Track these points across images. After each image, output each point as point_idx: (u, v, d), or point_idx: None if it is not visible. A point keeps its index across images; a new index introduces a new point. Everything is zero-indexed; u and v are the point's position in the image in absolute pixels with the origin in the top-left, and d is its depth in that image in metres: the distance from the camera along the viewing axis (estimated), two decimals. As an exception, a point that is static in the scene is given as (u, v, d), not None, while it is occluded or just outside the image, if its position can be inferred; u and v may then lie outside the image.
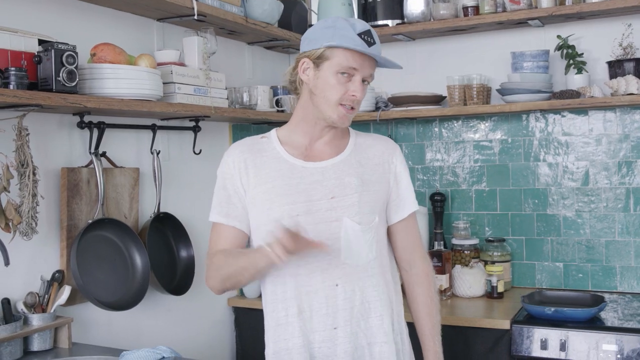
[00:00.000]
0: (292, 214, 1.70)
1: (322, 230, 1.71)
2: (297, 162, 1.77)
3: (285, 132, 1.83)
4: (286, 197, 1.72)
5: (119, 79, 2.08)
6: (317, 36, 1.72)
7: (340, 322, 1.73)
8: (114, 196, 2.30)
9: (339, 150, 1.82)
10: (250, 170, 1.76)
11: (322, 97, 1.72)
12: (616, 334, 2.27)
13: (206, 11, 2.45)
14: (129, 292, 2.25)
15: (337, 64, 1.69)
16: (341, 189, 1.75)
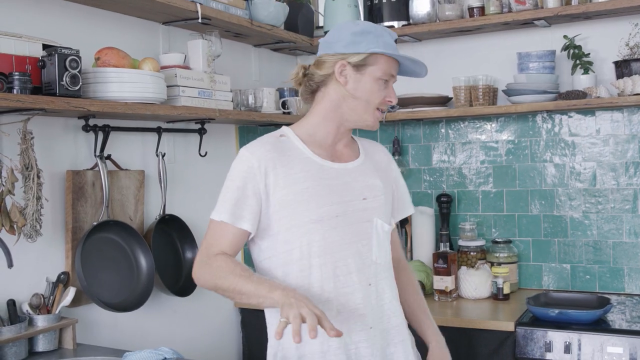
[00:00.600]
0: (332, 215, 1.70)
1: (356, 231, 1.73)
2: (325, 163, 1.75)
3: (304, 131, 1.78)
4: (323, 198, 1.70)
5: (123, 83, 2.10)
6: (357, 40, 1.70)
7: (375, 321, 1.74)
8: (119, 198, 2.33)
9: (356, 153, 1.85)
10: (279, 170, 1.68)
11: (364, 100, 1.73)
12: (622, 337, 2.25)
13: (211, 14, 2.47)
14: (134, 293, 2.28)
15: (381, 70, 1.71)
16: (370, 190, 1.79)
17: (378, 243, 1.77)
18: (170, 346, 2.54)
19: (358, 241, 1.73)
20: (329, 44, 1.75)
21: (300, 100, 2.94)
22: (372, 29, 1.73)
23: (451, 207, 3.03)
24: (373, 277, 1.75)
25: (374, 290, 1.75)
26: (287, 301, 1.49)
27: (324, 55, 1.74)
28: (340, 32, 1.74)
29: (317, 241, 1.68)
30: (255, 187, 1.67)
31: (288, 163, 1.70)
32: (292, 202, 1.68)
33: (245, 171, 1.69)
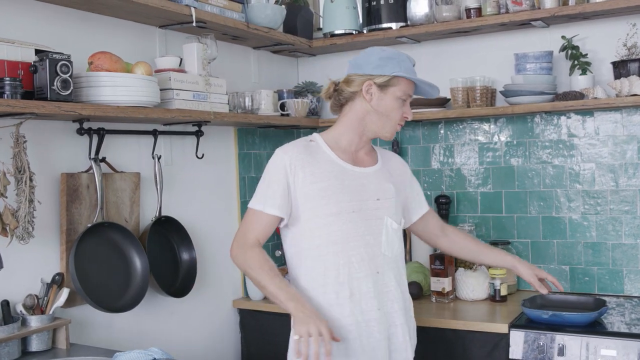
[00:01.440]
0: (349, 210, 2.01)
1: (369, 226, 2.04)
2: (347, 166, 2.07)
3: (331, 138, 2.10)
4: (342, 195, 2.01)
5: (116, 87, 2.13)
6: (382, 64, 2.01)
7: (381, 304, 2.04)
8: (114, 200, 2.35)
9: (375, 160, 2.16)
10: (307, 169, 2.01)
11: (386, 116, 2.05)
12: (616, 339, 2.24)
13: (205, 18, 2.49)
14: (128, 294, 2.31)
15: (402, 90, 2.04)
16: (383, 192, 2.09)
17: (387, 238, 2.06)
18: (168, 347, 2.58)
19: (370, 234, 2.04)
20: (359, 65, 2.06)
21: (298, 102, 2.96)
22: (395, 55, 2.04)
23: (450, 208, 3.03)
24: (381, 266, 2.05)
25: (381, 278, 2.05)
26: (298, 315, 1.86)
27: (353, 75, 2.05)
28: (370, 56, 2.05)
29: (335, 231, 2.00)
30: (286, 181, 2.00)
31: (315, 163, 2.03)
32: (316, 196, 2.00)
33: (279, 167, 2.01)
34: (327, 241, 2.00)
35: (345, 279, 2.00)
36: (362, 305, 2.00)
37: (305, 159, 2.02)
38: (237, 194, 3.00)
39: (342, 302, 1.99)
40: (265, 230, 2.02)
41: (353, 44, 3.09)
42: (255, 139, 3.11)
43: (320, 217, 2.00)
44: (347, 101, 2.08)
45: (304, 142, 2.10)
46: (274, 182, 2.00)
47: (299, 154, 2.03)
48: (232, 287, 2.97)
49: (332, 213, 1.99)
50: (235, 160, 2.99)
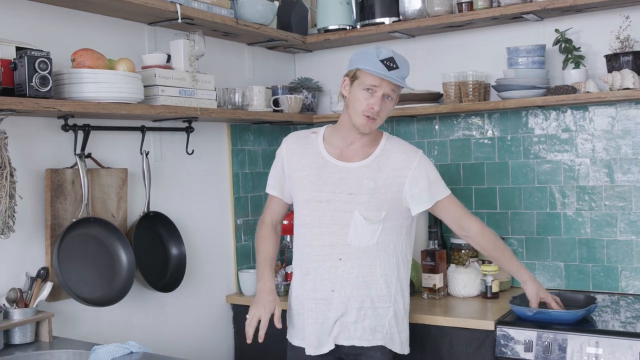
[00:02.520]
0: (317, 200, 2.23)
1: (338, 217, 2.21)
2: (330, 159, 2.26)
3: (329, 132, 2.33)
4: (316, 185, 2.24)
5: (99, 83, 2.15)
6: (354, 59, 2.20)
7: (337, 286, 2.22)
8: (101, 196, 2.38)
9: (366, 156, 2.26)
10: (295, 158, 2.30)
11: (352, 107, 2.19)
12: (602, 337, 2.20)
13: (192, 15, 2.50)
14: (113, 288, 2.33)
15: (362, 82, 2.17)
16: (358, 188, 2.21)
17: (355, 230, 2.21)
18: (158, 341, 2.61)
19: (336, 224, 2.21)
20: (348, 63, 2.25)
21: (291, 98, 2.96)
22: (367, 50, 2.17)
23: (444, 205, 3.00)
24: (344, 254, 2.22)
25: (343, 264, 2.22)
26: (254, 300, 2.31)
27: None
28: (356, 54, 2.22)
29: (304, 216, 2.27)
30: (281, 167, 2.34)
31: (304, 154, 2.29)
32: (297, 183, 2.28)
33: (278, 154, 2.37)
34: (298, 223, 2.31)
35: (306, 258, 2.27)
36: (316, 284, 2.24)
37: (297, 148, 2.31)
38: (230, 190, 3.01)
39: (301, 278, 2.29)
40: (275, 210, 2.42)
41: (347, 39, 3.08)
42: (250, 135, 3.12)
43: (297, 202, 2.31)
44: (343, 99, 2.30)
45: (306, 132, 2.38)
46: (274, 167, 2.38)
47: (293, 143, 2.33)
48: (225, 282, 2.99)
49: (303, 200, 2.26)
50: (229, 156, 3.01)
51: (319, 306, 2.24)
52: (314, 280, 2.25)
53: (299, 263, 2.32)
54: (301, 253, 2.30)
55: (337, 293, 2.22)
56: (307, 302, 2.27)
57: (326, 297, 2.23)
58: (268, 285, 2.30)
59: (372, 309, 2.23)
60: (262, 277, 2.34)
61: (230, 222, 3.01)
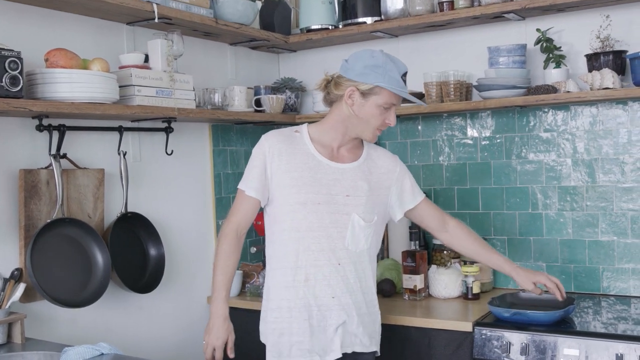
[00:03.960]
0: (315, 201, 2.10)
1: (334, 219, 2.12)
2: (323, 160, 2.15)
3: (315, 132, 2.20)
4: (311, 186, 2.11)
5: (73, 83, 2.13)
6: (366, 72, 2.05)
7: (337, 293, 2.12)
8: (77, 197, 2.37)
9: (356, 158, 2.21)
10: (284, 158, 2.13)
11: (365, 122, 2.10)
12: (578, 338, 2.19)
13: (170, 14, 2.49)
14: (88, 289, 2.31)
15: (383, 100, 2.07)
16: (354, 190, 2.14)
17: (352, 233, 2.13)
18: (136, 343, 2.60)
19: (334, 227, 2.12)
20: (346, 69, 2.11)
21: (273, 98, 2.95)
22: (383, 63, 2.05)
23: (426, 205, 2.99)
24: (343, 259, 2.13)
25: (342, 269, 2.13)
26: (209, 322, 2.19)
27: (342, 78, 2.11)
28: (356, 61, 2.09)
29: (299, 219, 2.11)
30: (263, 166, 2.14)
31: (293, 153, 2.14)
32: (287, 185, 2.11)
33: (259, 153, 2.16)
34: (290, 227, 2.12)
35: (303, 264, 2.12)
36: (315, 290, 2.12)
37: (284, 147, 2.14)
38: (212, 190, 3.00)
39: (296, 284, 2.12)
40: (247, 212, 2.18)
41: (329, 39, 3.07)
42: (232, 136, 3.11)
43: (289, 204, 2.12)
44: (335, 100, 2.16)
45: (289, 131, 2.21)
46: (255, 166, 2.15)
47: (279, 142, 2.15)
48: (206, 283, 2.97)
49: (298, 202, 2.10)
50: (210, 156, 2.99)
51: (321, 313, 2.12)
52: (314, 287, 2.12)
53: (292, 269, 2.13)
54: (295, 259, 2.12)
55: (337, 300, 2.12)
56: (304, 309, 2.12)
57: (326, 303, 2.12)
58: (222, 310, 2.15)
59: (367, 314, 2.19)
60: (217, 301, 2.15)
61: (211, 222, 3.00)
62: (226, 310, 2.16)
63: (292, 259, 2.13)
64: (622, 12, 2.60)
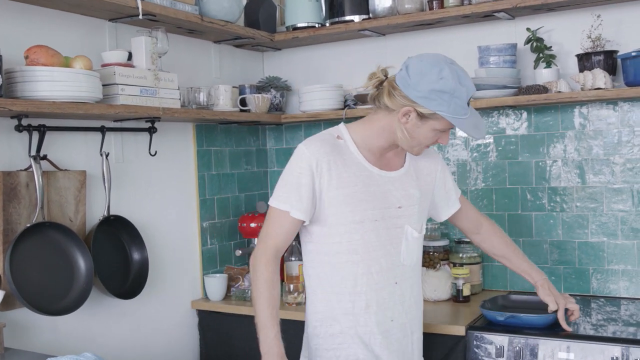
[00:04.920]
0: (372, 219, 1.90)
1: (390, 235, 1.94)
2: (374, 170, 1.93)
3: (360, 137, 1.95)
4: (367, 202, 1.90)
5: (54, 82, 2.05)
6: (432, 97, 1.79)
7: (395, 315, 1.97)
8: (57, 199, 2.28)
9: (402, 162, 2.01)
10: (334, 172, 1.88)
11: (416, 141, 1.90)
12: (573, 342, 2.16)
13: (154, 11, 2.41)
14: (70, 296, 2.23)
15: (441, 126, 1.87)
16: (406, 199, 1.97)
17: (407, 247, 1.97)
18: (120, 350, 2.52)
19: (390, 244, 1.94)
20: (407, 84, 1.83)
21: (258, 97, 2.89)
22: (451, 89, 1.79)
23: (415, 206, 2.95)
24: (399, 276, 1.97)
25: (399, 288, 1.97)
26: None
27: (397, 91, 1.84)
28: (422, 80, 1.80)
29: (356, 240, 1.90)
30: (312, 184, 1.87)
31: (343, 166, 1.89)
32: (341, 202, 1.88)
33: (305, 168, 1.87)
34: (347, 249, 1.91)
35: (363, 289, 1.92)
36: (377, 316, 1.94)
37: (333, 160, 1.88)
38: (196, 192, 2.93)
39: (357, 312, 1.93)
40: (288, 235, 1.92)
41: (315, 37, 3.01)
42: (217, 136, 3.04)
43: (343, 224, 1.90)
44: (384, 108, 1.89)
45: (331, 138, 1.93)
46: (302, 185, 1.86)
47: (327, 154, 1.87)
48: (190, 287, 2.90)
49: (355, 221, 1.89)
50: (194, 157, 2.92)
51: (384, 341, 1.94)
52: (376, 313, 1.93)
53: (350, 295, 1.92)
54: (354, 284, 1.92)
55: (396, 322, 1.97)
56: (366, 337, 1.93)
57: (387, 328, 1.95)
58: (278, 348, 1.83)
59: (419, 330, 2.08)
60: (268, 339, 1.84)
61: (195, 225, 2.93)
62: (282, 348, 1.84)
63: (350, 284, 1.92)
64: (612, 11, 2.59)
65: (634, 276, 2.63)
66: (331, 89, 2.95)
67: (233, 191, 3.14)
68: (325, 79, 3.19)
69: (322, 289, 1.97)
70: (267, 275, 1.88)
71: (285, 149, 3.34)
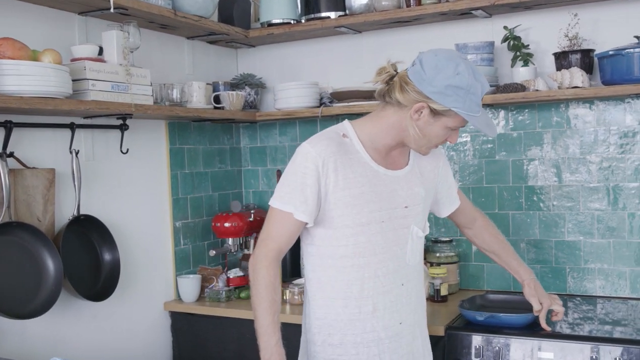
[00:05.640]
0: (378, 220, 1.84)
1: (396, 236, 1.88)
2: (380, 170, 1.86)
3: (366, 135, 1.87)
4: (374, 204, 1.83)
5: (22, 76, 1.98)
6: (448, 93, 1.73)
7: (403, 317, 1.91)
8: (25, 199, 2.20)
9: (406, 160, 1.95)
10: (340, 173, 1.80)
11: (427, 139, 1.83)
12: (552, 341, 2.15)
13: (126, 4, 2.34)
14: (38, 299, 2.15)
15: (455, 124, 1.81)
16: (412, 199, 1.91)
17: (412, 247, 1.92)
18: (90, 353, 2.44)
19: (396, 245, 1.88)
20: (422, 79, 1.75)
21: (232, 95, 2.83)
22: (467, 85, 1.74)
23: (392, 205, 2.92)
24: (405, 277, 1.91)
25: (405, 290, 1.91)
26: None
27: (411, 85, 1.76)
28: (437, 75, 1.74)
29: (362, 243, 1.83)
30: (317, 185, 1.79)
31: (349, 166, 1.81)
32: (347, 204, 1.81)
33: (310, 168, 1.78)
34: (353, 252, 1.84)
35: (370, 293, 1.85)
36: (385, 320, 1.87)
37: (339, 160, 1.80)
38: (168, 191, 2.86)
39: (364, 317, 1.86)
40: (290, 237, 1.84)
41: (291, 34, 2.96)
42: (190, 134, 2.97)
43: (349, 226, 1.82)
44: (394, 104, 1.82)
45: (337, 137, 1.85)
46: (307, 185, 1.78)
47: (333, 154, 1.79)
48: (163, 288, 2.83)
49: (361, 223, 1.82)
50: (167, 155, 2.85)
51: (392, 345, 1.88)
52: (383, 317, 1.87)
53: (356, 300, 1.85)
54: (360, 288, 1.85)
55: (404, 325, 1.91)
56: (374, 344, 1.87)
57: (397, 332, 1.89)
58: (279, 355, 1.77)
59: (426, 329, 2.04)
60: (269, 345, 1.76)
61: (168, 225, 2.86)
62: (284, 356, 1.77)
63: (357, 289, 1.85)
64: (589, 10, 2.59)
65: (609, 275, 2.64)
66: (307, 86, 2.91)
67: (207, 190, 3.08)
68: (301, 76, 3.15)
69: (323, 293, 1.89)
70: (268, 279, 1.79)
71: (260, 147, 3.28)
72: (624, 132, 2.59)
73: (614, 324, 2.30)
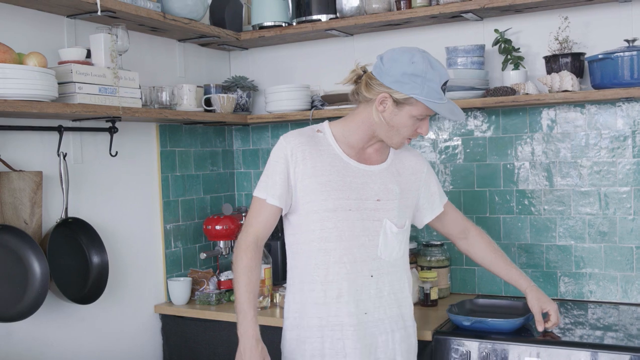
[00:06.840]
0: (346, 208, 1.93)
1: (366, 227, 1.95)
2: (351, 162, 1.98)
3: (339, 131, 2.01)
4: (341, 192, 1.93)
5: (6, 79, 1.98)
6: (404, 81, 1.85)
7: (370, 308, 1.97)
8: (11, 201, 2.19)
9: (383, 159, 2.04)
10: (308, 162, 1.93)
11: (396, 130, 1.93)
12: (539, 346, 2.14)
13: (114, 7, 2.34)
14: (24, 302, 2.14)
15: (418, 112, 1.89)
16: (385, 193, 1.99)
17: (385, 241, 1.98)
18: (78, 356, 2.43)
19: (365, 236, 1.95)
20: (382, 72, 1.89)
21: (223, 97, 2.82)
22: (423, 72, 1.85)
23: (383, 209, 2.91)
24: (375, 270, 1.97)
25: (375, 282, 1.97)
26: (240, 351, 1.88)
27: (374, 80, 1.91)
28: (393, 65, 1.87)
29: (329, 228, 1.93)
30: (286, 172, 1.94)
31: (318, 156, 1.94)
32: (315, 190, 1.93)
33: (281, 157, 1.95)
34: (320, 237, 1.95)
35: (335, 278, 1.95)
36: (349, 307, 1.95)
37: (308, 150, 1.95)
38: (159, 194, 2.85)
39: (329, 301, 1.95)
40: (267, 222, 1.97)
41: (282, 36, 2.96)
42: (181, 136, 2.97)
43: (317, 212, 1.94)
44: (363, 101, 1.96)
45: (310, 131, 2.01)
46: (276, 172, 1.95)
47: (302, 144, 1.95)
48: (153, 291, 2.82)
49: (328, 209, 1.93)
50: (157, 158, 2.84)
51: (356, 332, 1.94)
52: (347, 304, 1.94)
53: (322, 284, 1.95)
54: (325, 272, 1.95)
55: (370, 316, 1.97)
56: (337, 329, 1.95)
57: (361, 321, 1.95)
58: (253, 331, 1.87)
59: (404, 328, 2.05)
60: (245, 322, 1.88)
61: (159, 227, 2.85)
62: (257, 330, 1.89)
63: (322, 273, 1.95)
64: (579, 13, 2.58)
65: (600, 279, 2.63)
66: (298, 89, 2.90)
67: (198, 193, 3.07)
68: (292, 79, 3.14)
69: (297, 278, 2.02)
70: (246, 261, 1.92)
71: (252, 149, 3.28)
72: (615, 136, 2.57)
73: (605, 329, 2.28)
